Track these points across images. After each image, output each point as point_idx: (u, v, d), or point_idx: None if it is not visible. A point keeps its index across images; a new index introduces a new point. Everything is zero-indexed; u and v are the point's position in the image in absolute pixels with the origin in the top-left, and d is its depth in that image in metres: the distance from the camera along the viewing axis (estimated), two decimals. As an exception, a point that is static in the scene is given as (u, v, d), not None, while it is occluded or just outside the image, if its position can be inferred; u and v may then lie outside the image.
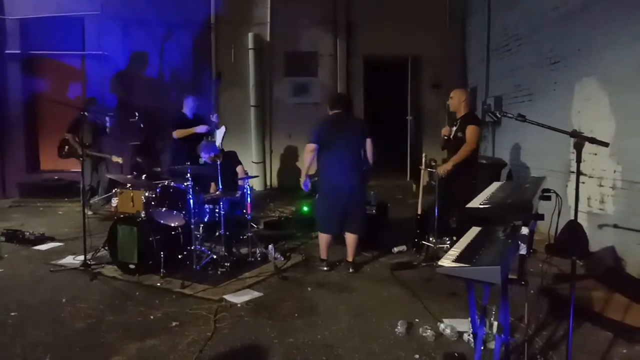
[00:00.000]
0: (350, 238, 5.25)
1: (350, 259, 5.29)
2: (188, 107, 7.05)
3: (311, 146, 5.15)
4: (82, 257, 5.21)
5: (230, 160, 6.03)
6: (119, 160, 7.93)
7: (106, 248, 5.30)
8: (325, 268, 5.26)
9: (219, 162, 5.25)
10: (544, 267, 4.25)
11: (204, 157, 5.92)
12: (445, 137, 5.67)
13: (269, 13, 10.45)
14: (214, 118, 7.22)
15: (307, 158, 5.19)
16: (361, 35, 10.59)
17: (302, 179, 5.26)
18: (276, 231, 6.80)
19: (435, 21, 10.19)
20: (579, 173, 2.56)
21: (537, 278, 4.07)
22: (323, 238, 5.31)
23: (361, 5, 10.51)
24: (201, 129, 6.81)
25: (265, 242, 5.77)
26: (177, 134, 6.79)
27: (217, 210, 5.30)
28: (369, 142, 5.19)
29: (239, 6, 10.45)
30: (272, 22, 10.47)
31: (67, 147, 8.16)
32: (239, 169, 6.08)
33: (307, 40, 10.62)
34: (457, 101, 5.60)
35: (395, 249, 5.90)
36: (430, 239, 5.71)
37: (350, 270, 5.22)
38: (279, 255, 5.54)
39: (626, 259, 4.89)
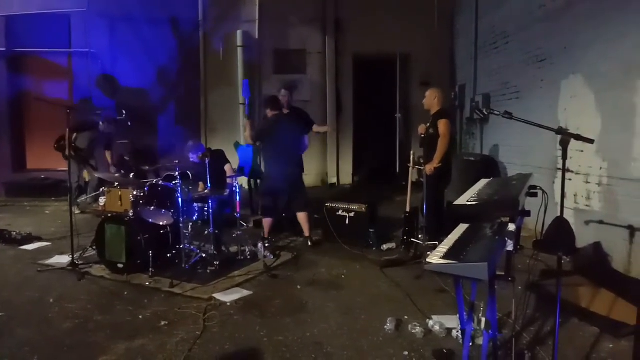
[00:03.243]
0: (301, 216, 6.01)
1: (307, 234, 6.05)
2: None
3: (249, 140, 6.38)
4: (70, 256, 5.17)
5: (219, 159, 6.01)
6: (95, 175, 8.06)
7: (94, 247, 5.27)
8: (267, 244, 5.77)
9: (207, 161, 5.23)
10: (531, 263, 4.28)
11: (192, 157, 5.88)
12: (423, 135, 5.80)
13: (258, 10, 10.42)
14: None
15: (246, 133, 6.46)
16: (350, 33, 10.60)
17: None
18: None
19: (424, 19, 10.22)
20: (565, 170, 2.58)
21: (525, 274, 4.11)
22: (266, 222, 6.04)
23: (350, 2, 10.52)
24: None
25: (254, 240, 5.77)
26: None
27: (206, 208, 5.29)
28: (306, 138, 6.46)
29: (228, 3, 10.41)
30: (261, 19, 10.44)
31: (63, 141, 8.04)
32: (227, 167, 6.07)
33: (296, 38, 10.61)
34: (430, 99, 5.91)
35: (385, 247, 5.92)
36: (419, 236, 5.74)
37: (309, 243, 5.97)
38: (268, 254, 5.54)
39: (612, 254, 4.95)
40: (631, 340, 3.17)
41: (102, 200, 7.40)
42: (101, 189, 7.57)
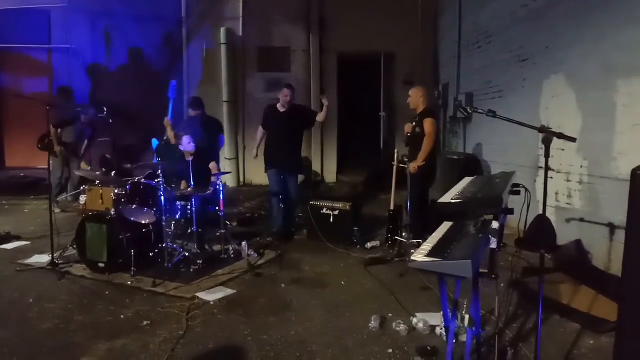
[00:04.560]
0: None
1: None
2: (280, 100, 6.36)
3: (172, 138, 6.02)
4: (50, 256, 5.09)
5: (203, 156, 5.94)
6: (87, 168, 7.98)
7: (74, 246, 5.18)
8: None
9: (191, 159, 5.17)
10: (514, 261, 4.33)
11: (187, 147, 5.71)
12: (409, 134, 5.81)
13: (242, 7, 10.36)
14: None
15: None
16: (334, 31, 10.60)
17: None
18: (249, 228, 6.77)
19: (408, 18, 10.26)
20: (547, 168, 2.60)
21: (507, 272, 4.15)
22: None
23: (334, 1, 10.51)
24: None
25: (238, 239, 5.73)
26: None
27: (189, 207, 5.24)
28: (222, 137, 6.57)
29: (211, 0, 10.33)
30: (245, 16, 10.39)
31: (47, 140, 7.87)
32: (212, 165, 6.01)
33: (280, 36, 10.58)
34: (416, 98, 5.89)
35: (369, 245, 5.93)
36: (403, 234, 5.76)
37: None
38: (252, 252, 5.51)
39: (592, 252, 5.01)
40: (611, 336, 3.21)
41: (82, 199, 7.32)
42: (82, 187, 7.49)
